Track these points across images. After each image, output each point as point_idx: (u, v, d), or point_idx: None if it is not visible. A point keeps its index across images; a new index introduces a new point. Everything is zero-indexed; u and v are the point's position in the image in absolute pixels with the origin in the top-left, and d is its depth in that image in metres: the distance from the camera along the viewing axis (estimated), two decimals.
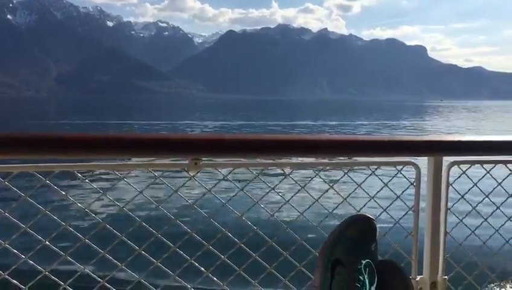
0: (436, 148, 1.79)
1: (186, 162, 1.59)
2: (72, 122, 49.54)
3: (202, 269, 1.73)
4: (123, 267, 1.68)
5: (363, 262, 1.40)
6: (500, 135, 1.92)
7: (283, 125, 48.77)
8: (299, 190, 1.82)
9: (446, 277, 1.88)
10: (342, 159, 1.79)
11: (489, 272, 2.03)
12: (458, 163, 1.86)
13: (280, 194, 1.82)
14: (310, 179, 1.84)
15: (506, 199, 2.01)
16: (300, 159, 1.81)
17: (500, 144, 1.85)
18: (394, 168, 1.84)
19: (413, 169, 1.84)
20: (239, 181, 1.84)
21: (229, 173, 1.75)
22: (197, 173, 1.63)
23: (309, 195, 1.84)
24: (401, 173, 1.84)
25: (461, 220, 1.92)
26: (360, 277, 1.36)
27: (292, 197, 1.82)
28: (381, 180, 1.85)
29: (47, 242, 1.58)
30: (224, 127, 46.57)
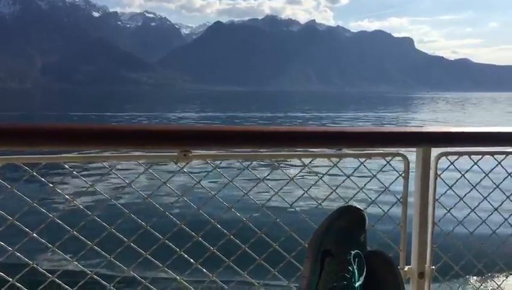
0: (425, 140, 1.80)
1: (176, 153, 1.58)
2: (57, 115, 48.78)
3: (191, 260, 1.73)
4: (111, 259, 1.67)
5: (353, 253, 1.40)
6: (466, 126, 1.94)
7: (269, 117, 48.59)
8: (288, 181, 1.83)
9: (434, 266, 1.90)
10: (331, 151, 1.80)
11: (476, 262, 2.06)
12: (446, 154, 1.87)
13: (269, 185, 1.82)
14: (299, 170, 1.84)
15: (493, 190, 2.03)
16: (289, 151, 1.81)
17: (487, 135, 1.86)
18: (383, 160, 1.85)
19: (402, 160, 1.85)
20: (229, 170, 1.84)
21: (219, 164, 1.75)
22: (186, 164, 1.63)
23: (298, 186, 1.84)
24: (389, 165, 1.85)
25: (448, 211, 1.94)
26: (350, 267, 1.37)
27: (281, 188, 1.82)
28: (370, 172, 1.86)
29: (34, 235, 1.57)
30: (212, 118, 46.34)
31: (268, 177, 1.83)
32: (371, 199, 1.88)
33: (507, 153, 1.97)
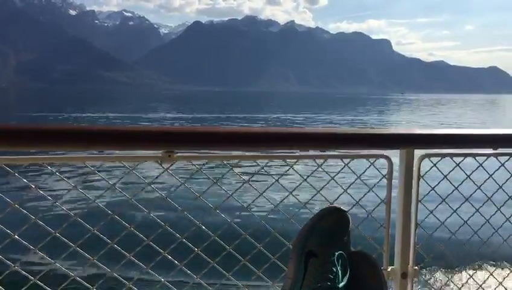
0: (408, 141, 1.82)
1: (160, 154, 1.57)
2: (34, 115, 47.57)
3: (176, 261, 1.72)
4: (95, 261, 1.65)
5: (336, 253, 1.41)
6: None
7: (248, 118, 48.10)
8: (272, 183, 1.83)
9: (416, 267, 1.91)
10: (316, 152, 1.80)
11: (458, 263, 2.08)
12: (429, 156, 1.89)
13: (254, 186, 1.82)
14: (283, 171, 1.85)
15: (475, 191, 2.06)
16: (274, 152, 1.81)
17: (469, 137, 1.89)
18: (367, 161, 1.86)
19: (386, 162, 1.86)
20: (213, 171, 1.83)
21: (203, 165, 1.74)
22: (171, 165, 1.62)
23: (283, 187, 1.85)
24: (373, 166, 1.86)
25: (431, 212, 1.96)
26: (333, 268, 1.38)
27: (266, 189, 1.82)
28: (355, 173, 1.88)
29: (16, 236, 1.55)
30: (192, 120, 45.73)
31: (252, 179, 1.83)
32: (355, 200, 1.89)
33: (488, 155, 2.00)
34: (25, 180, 1.65)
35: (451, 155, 1.96)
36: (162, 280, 1.73)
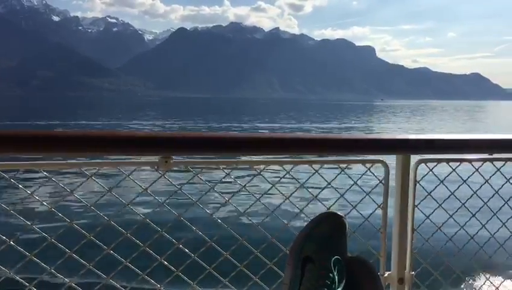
0: (404, 146, 1.82)
1: (156, 160, 1.57)
2: (16, 124, 46.34)
3: (172, 268, 1.72)
4: (91, 267, 1.64)
5: (333, 259, 1.41)
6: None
7: (234, 127, 47.07)
8: (270, 188, 1.83)
9: (413, 272, 1.91)
10: (312, 157, 1.80)
11: (454, 268, 2.08)
12: (425, 161, 1.90)
13: (251, 192, 1.82)
14: (280, 177, 1.84)
15: (471, 196, 2.06)
16: (271, 157, 1.81)
17: (465, 143, 1.89)
18: (364, 166, 1.86)
19: (382, 167, 1.87)
20: (210, 177, 1.83)
21: (200, 171, 1.74)
22: (167, 171, 1.62)
23: (279, 193, 1.84)
24: (370, 171, 1.86)
25: (427, 217, 1.96)
26: (330, 273, 1.37)
27: (263, 195, 1.82)
28: (351, 178, 1.88)
29: (11, 243, 1.54)
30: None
31: (249, 184, 1.83)
32: (351, 205, 1.89)
33: (484, 160, 2.01)
34: (20, 185, 1.64)
35: (448, 160, 1.96)
36: (158, 285, 1.72)
